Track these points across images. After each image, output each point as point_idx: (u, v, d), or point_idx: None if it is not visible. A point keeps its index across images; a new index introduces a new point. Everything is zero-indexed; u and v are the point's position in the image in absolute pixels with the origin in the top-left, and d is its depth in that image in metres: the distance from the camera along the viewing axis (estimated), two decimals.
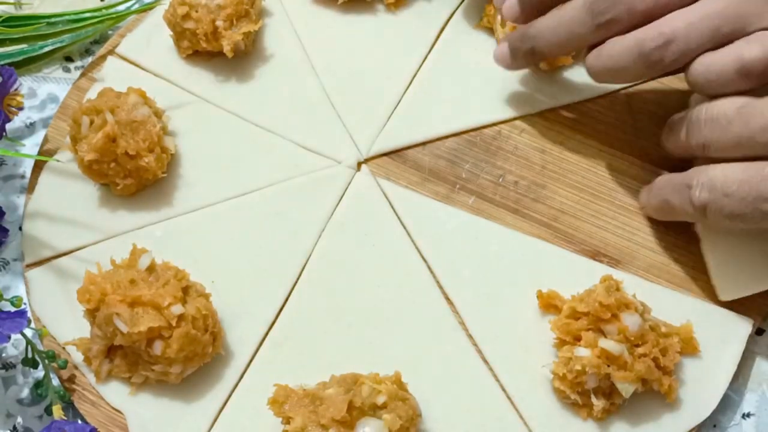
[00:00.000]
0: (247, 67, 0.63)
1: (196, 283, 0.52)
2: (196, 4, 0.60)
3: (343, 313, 0.54)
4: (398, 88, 0.62)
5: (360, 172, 0.59)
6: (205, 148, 0.60)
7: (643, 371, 0.48)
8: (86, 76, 0.63)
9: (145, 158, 0.55)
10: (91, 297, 0.49)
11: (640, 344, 0.49)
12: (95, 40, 0.67)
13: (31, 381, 0.54)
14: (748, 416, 0.53)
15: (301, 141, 0.60)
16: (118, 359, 0.51)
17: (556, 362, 0.50)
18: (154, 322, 0.48)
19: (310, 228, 0.57)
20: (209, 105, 0.62)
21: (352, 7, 0.65)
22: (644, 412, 0.50)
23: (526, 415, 0.51)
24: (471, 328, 0.53)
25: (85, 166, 0.55)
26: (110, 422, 0.51)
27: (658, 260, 0.55)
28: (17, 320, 0.49)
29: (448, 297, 0.55)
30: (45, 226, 0.57)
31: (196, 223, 0.57)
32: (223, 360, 0.53)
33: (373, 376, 0.48)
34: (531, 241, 0.56)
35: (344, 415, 0.46)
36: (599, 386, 0.49)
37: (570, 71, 0.61)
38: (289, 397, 0.47)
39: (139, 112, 0.56)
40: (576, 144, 0.59)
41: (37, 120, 0.64)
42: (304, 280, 0.55)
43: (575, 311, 0.50)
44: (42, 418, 0.53)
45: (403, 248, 0.56)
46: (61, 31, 0.64)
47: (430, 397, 0.51)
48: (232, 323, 0.54)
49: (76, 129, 0.56)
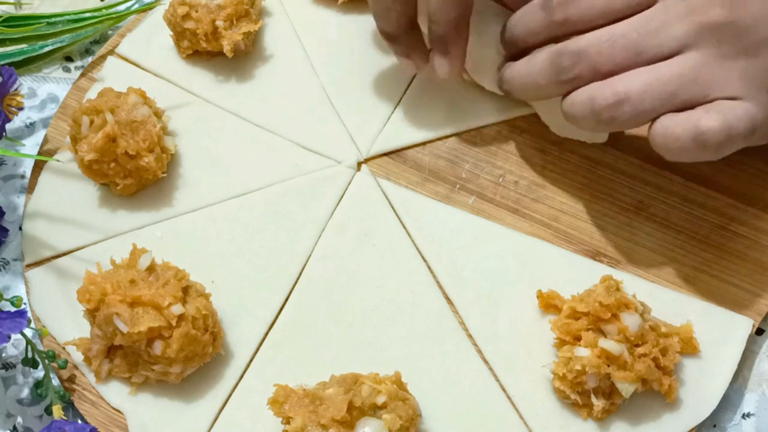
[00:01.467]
0: (247, 67, 0.63)
1: (196, 283, 0.52)
2: (196, 4, 0.60)
3: (343, 313, 0.54)
4: (398, 88, 0.62)
5: (360, 172, 0.59)
6: (205, 148, 0.60)
7: (643, 371, 0.48)
8: (86, 76, 0.63)
9: (145, 158, 0.55)
10: (91, 297, 0.49)
11: (640, 344, 0.49)
12: (95, 40, 0.67)
13: (31, 381, 0.54)
14: (748, 416, 0.53)
15: (301, 141, 0.60)
16: (118, 359, 0.51)
17: (556, 362, 0.50)
18: (154, 322, 0.48)
19: (310, 228, 0.57)
20: (209, 105, 0.62)
21: (352, 7, 0.65)
22: (644, 412, 0.50)
23: (526, 415, 0.51)
24: (471, 328, 0.53)
25: (85, 166, 0.55)
26: (110, 422, 0.51)
27: (658, 260, 0.55)
28: (17, 320, 0.49)
29: (448, 297, 0.55)
30: (45, 226, 0.57)
31: (196, 223, 0.57)
32: (223, 360, 0.53)
33: (373, 376, 0.48)
34: (531, 241, 0.56)
35: (344, 415, 0.46)
36: (599, 386, 0.49)
37: None
38: (289, 397, 0.47)
39: (139, 112, 0.56)
40: (576, 144, 0.59)
41: (37, 120, 0.64)
42: (304, 280, 0.55)
43: (575, 311, 0.50)
44: (42, 418, 0.53)
45: (403, 248, 0.56)
46: (61, 31, 0.64)
47: (430, 397, 0.51)
48: (232, 323, 0.54)
49: (76, 129, 0.56)
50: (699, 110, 0.46)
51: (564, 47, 0.50)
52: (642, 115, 0.47)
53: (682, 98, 0.47)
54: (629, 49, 0.48)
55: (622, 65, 0.48)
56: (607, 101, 0.47)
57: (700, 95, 0.46)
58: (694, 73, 0.46)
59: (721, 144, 0.46)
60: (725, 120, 0.45)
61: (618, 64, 0.48)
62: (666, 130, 0.46)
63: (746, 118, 0.46)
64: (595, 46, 0.48)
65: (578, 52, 0.49)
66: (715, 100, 0.46)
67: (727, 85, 0.46)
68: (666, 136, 0.47)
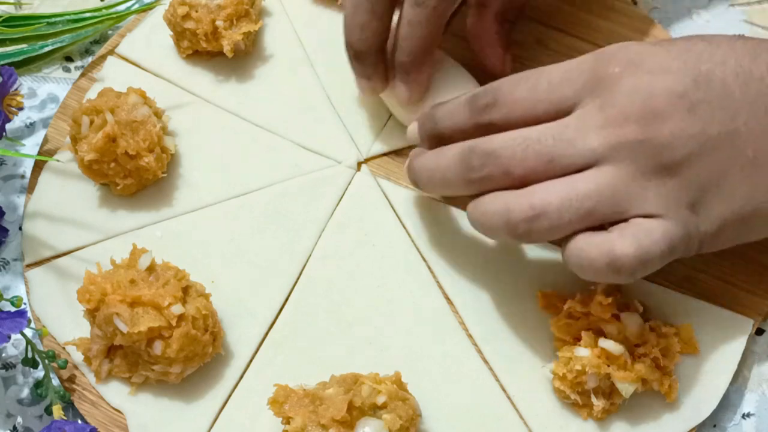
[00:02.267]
0: (247, 67, 0.63)
1: (196, 283, 0.52)
2: (196, 4, 0.60)
3: (343, 313, 0.54)
4: None
5: (360, 172, 0.59)
6: (205, 148, 0.60)
7: (643, 371, 0.48)
8: (86, 76, 0.63)
9: (145, 158, 0.55)
10: (91, 297, 0.49)
11: (640, 344, 0.49)
12: (95, 40, 0.67)
13: (31, 381, 0.54)
14: (748, 416, 0.53)
15: (301, 141, 0.60)
16: (118, 359, 0.51)
17: (556, 362, 0.50)
18: (154, 322, 0.48)
19: (310, 228, 0.57)
20: (209, 105, 0.62)
21: None
22: (644, 412, 0.50)
23: (526, 415, 0.51)
24: (471, 328, 0.53)
25: (85, 166, 0.55)
26: (110, 422, 0.51)
27: None
28: (17, 320, 0.49)
29: (448, 297, 0.55)
30: (45, 226, 0.57)
31: (196, 223, 0.57)
32: (223, 360, 0.53)
33: (373, 376, 0.48)
34: None
35: (344, 415, 0.46)
36: (599, 386, 0.49)
37: None
38: (289, 397, 0.47)
39: (139, 112, 0.56)
40: None
41: (37, 120, 0.64)
42: (304, 280, 0.55)
43: (575, 311, 0.50)
44: (42, 418, 0.53)
45: (403, 248, 0.56)
46: (61, 31, 0.64)
47: (430, 397, 0.51)
48: (232, 323, 0.54)
49: (76, 129, 0.56)
50: (614, 233, 0.44)
51: (475, 145, 0.47)
52: (558, 231, 0.45)
53: (599, 215, 0.44)
54: (542, 155, 0.45)
55: (534, 170, 0.46)
56: (524, 214, 0.45)
57: (617, 212, 0.44)
58: (610, 189, 0.44)
59: (635, 269, 0.44)
60: (640, 245, 0.43)
61: (530, 168, 0.46)
62: (581, 252, 0.45)
63: (663, 240, 0.44)
64: (508, 148, 0.46)
65: (490, 152, 0.46)
66: (632, 218, 0.44)
67: (645, 202, 0.44)
68: (581, 258, 0.45)
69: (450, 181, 0.49)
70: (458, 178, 0.48)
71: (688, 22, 0.67)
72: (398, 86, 0.55)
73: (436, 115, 0.51)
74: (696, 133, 0.44)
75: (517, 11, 0.61)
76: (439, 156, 0.49)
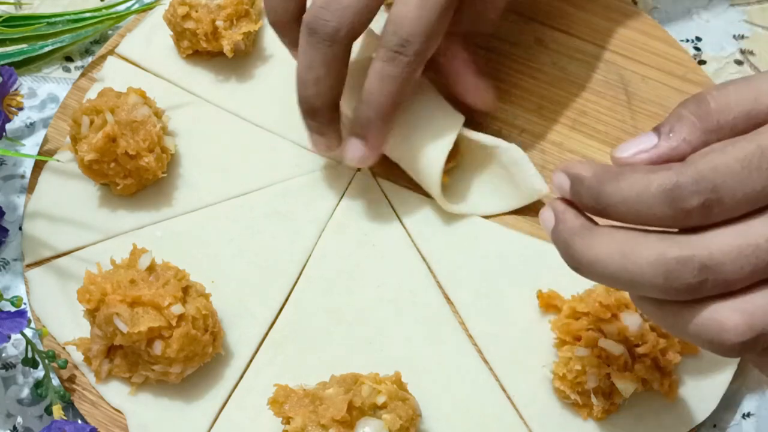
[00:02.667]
0: (247, 67, 0.63)
1: (196, 283, 0.52)
2: (196, 4, 0.60)
3: (343, 313, 0.54)
4: None
5: (360, 172, 0.59)
6: (205, 148, 0.60)
7: (643, 371, 0.48)
8: (86, 76, 0.63)
9: (145, 158, 0.55)
10: (91, 297, 0.49)
11: (640, 344, 0.49)
12: (95, 40, 0.67)
13: (31, 381, 0.54)
14: (748, 416, 0.53)
15: (301, 141, 0.60)
16: (118, 359, 0.51)
17: (556, 362, 0.50)
18: (154, 322, 0.48)
19: (310, 228, 0.57)
20: (209, 105, 0.62)
21: None
22: (644, 412, 0.50)
23: (526, 415, 0.51)
24: (471, 328, 0.53)
25: (85, 166, 0.55)
26: (110, 422, 0.51)
27: None
28: (17, 320, 0.49)
29: (448, 297, 0.55)
30: (45, 226, 0.57)
31: (196, 223, 0.57)
32: (223, 360, 0.53)
33: (373, 376, 0.48)
34: (531, 241, 0.56)
35: (344, 415, 0.46)
36: (599, 386, 0.49)
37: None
38: (289, 397, 0.47)
39: (139, 112, 0.56)
40: (576, 144, 0.59)
41: (37, 120, 0.64)
42: (304, 280, 0.55)
43: (575, 311, 0.50)
44: (42, 418, 0.53)
45: (403, 248, 0.56)
46: (61, 31, 0.64)
47: (430, 397, 0.51)
48: (232, 323, 0.54)
49: (76, 129, 0.56)
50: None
51: (686, 255, 0.35)
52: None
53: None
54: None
55: (756, 281, 0.35)
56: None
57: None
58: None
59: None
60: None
61: (755, 281, 0.35)
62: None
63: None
64: (735, 262, 0.34)
65: (710, 266, 0.34)
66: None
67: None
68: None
69: (644, 288, 0.36)
70: (658, 290, 0.36)
71: (688, 22, 0.67)
72: (352, 144, 0.53)
73: (606, 191, 0.37)
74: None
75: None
76: (628, 254, 0.36)
